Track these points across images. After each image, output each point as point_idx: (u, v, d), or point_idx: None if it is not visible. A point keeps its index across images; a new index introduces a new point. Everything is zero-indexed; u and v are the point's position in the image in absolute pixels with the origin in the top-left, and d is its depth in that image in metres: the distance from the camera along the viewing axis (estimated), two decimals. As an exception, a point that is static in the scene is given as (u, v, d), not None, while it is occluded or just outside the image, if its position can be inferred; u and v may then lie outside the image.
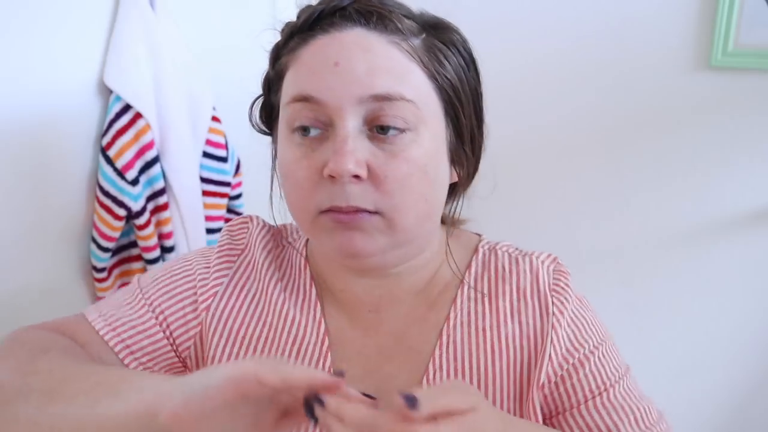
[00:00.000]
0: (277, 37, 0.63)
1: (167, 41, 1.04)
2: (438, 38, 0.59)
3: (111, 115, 0.98)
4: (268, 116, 0.65)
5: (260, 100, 0.67)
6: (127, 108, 0.99)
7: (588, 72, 1.37)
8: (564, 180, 1.45)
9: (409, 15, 0.58)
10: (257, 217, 0.72)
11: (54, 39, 0.92)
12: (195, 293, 0.66)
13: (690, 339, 1.42)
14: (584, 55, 1.36)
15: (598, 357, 0.63)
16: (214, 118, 1.16)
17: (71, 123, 0.97)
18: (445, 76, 0.58)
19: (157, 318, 0.65)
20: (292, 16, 0.62)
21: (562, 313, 0.62)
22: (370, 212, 0.55)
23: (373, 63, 0.54)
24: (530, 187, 1.49)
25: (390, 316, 0.64)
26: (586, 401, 0.61)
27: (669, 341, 1.44)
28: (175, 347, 0.65)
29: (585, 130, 1.41)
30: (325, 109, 0.54)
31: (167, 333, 0.65)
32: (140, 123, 1.00)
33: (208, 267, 0.68)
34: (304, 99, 0.55)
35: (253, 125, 0.68)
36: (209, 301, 0.66)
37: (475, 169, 0.65)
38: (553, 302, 0.62)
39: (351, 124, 0.54)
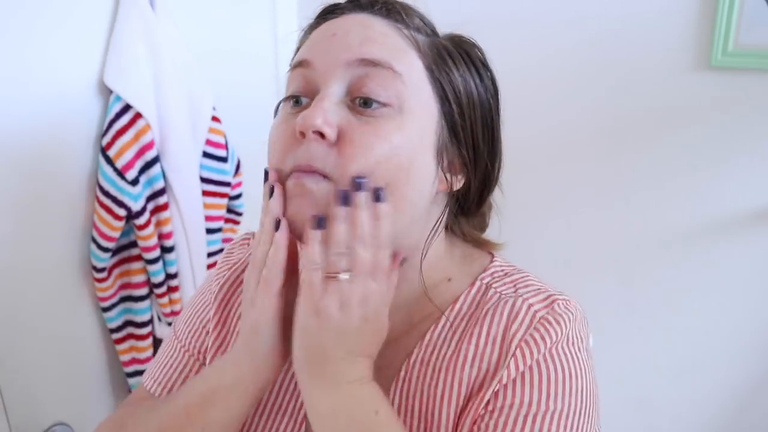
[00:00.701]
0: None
1: (167, 41, 1.04)
2: (452, 45, 0.58)
3: (111, 115, 0.98)
4: None
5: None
6: (127, 108, 0.99)
7: (588, 72, 1.37)
8: (564, 180, 1.45)
9: (423, 18, 0.58)
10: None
11: (54, 39, 0.92)
12: (209, 314, 0.69)
13: (690, 339, 1.42)
14: (584, 55, 1.36)
15: (535, 416, 0.53)
16: (214, 118, 1.16)
17: (71, 123, 0.97)
18: (445, 71, 0.56)
19: (198, 359, 0.68)
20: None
21: (517, 366, 0.55)
22: (323, 176, 0.51)
23: (367, 34, 0.54)
24: (530, 187, 1.49)
25: None
26: None
27: (669, 341, 1.44)
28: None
29: (585, 130, 1.41)
30: (315, 74, 0.54)
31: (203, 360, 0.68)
32: (140, 123, 1.00)
33: (212, 292, 0.70)
34: (299, 64, 0.56)
35: None
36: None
37: (483, 186, 0.61)
38: (515, 352, 0.55)
39: (333, 89, 0.53)
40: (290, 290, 0.54)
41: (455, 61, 0.57)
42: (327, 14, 0.59)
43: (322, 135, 0.51)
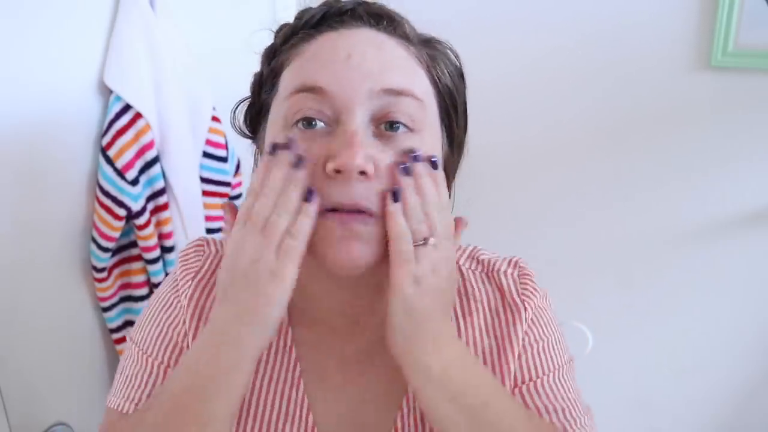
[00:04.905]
0: (271, 40, 0.62)
1: (167, 41, 1.04)
2: (434, 48, 0.60)
3: (111, 115, 0.98)
4: (255, 117, 0.64)
5: (245, 103, 0.66)
6: (127, 108, 0.99)
7: (588, 72, 1.37)
8: (563, 180, 1.45)
9: (412, 27, 0.60)
10: (212, 240, 0.70)
11: (54, 39, 0.92)
12: (184, 328, 0.65)
13: (690, 339, 1.42)
14: (584, 55, 1.36)
15: (540, 348, 0.64)
16: (214, 118, 1.16)
17: (71, 123, 0.97)
18: (446, 84, 0.59)
19: (168, 366, 0.64)
20: (292, 17, 0.62)
21: (526, 309, 0.64)
22: (370, 215, 0.53)
23: (385, 59, 0.54)
24: (530, 187, 1.49)
25: (369, 324, 0.62)
26: (514, 387, 0.62)
27: (669, 341, 1.44)
28: None
29: (585, 130, 1.41)
30: (334, 102, 0.53)
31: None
32: (140, 123, 1.00)
33: (181, 306, 0.66)
34: (310, 89, 0.53)
35: (234, 127, 0.66)
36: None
37: (450, 179, 0.65)
38: (524, 302, 0.64)
39: (360, 119, 0.52)
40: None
41: (447, 69, 0.59)
42: (319, 24, 0.57)
43: (363, 172, 0.51)
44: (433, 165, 0.54)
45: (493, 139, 1.43)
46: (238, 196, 1.25)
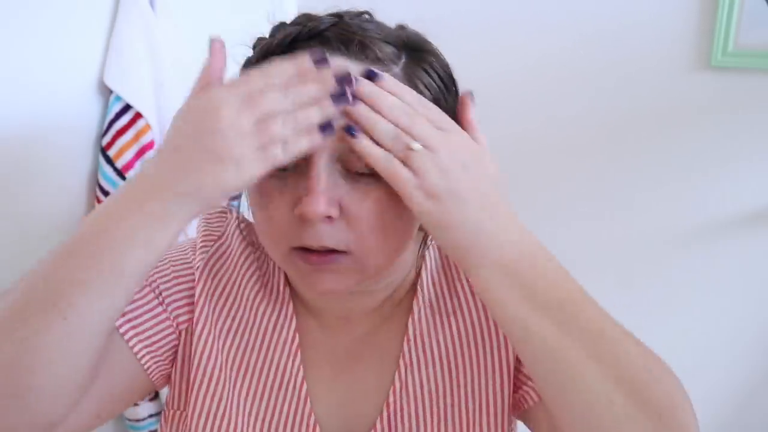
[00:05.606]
0: (249, 51, 0.62)
1: (167, 41, 1.04)
2: (417, 62, 0.55)
3: (111, 115, 0.99)
4: None
5: None
6: (127, 108, 0.99)
7: (588, 72, 1.37)
8: (563, 180, 1.45)
9: (388, 39, 0.54)
10: (236, 210, 0.71)
11: (54, 39, 0.92)
12: (192, 275, 0.65)
13: (690, 339, 1.42)
14: (584, 55, 1.36)
15: None
16: (214, 118, 1.16)
17: (71, 123, 0.97)
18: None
19: (158, 297, 0.63)
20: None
21: None
22: (341, 252, 0.53)
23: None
24: (530, 187, 1.49)
25: (359, 320, 0.64)
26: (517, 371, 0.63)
27: (669, 341, 1.43)
28: (175, 326, 0.64)
29: (585, 130, 1.41)
30: None
31: (168, 312, 0.64)
32: (140, 123, 1.00)
33: (194, 250, 0.67)
34: None
35: None
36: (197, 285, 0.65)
37: None
38: None
39: (324, 160, 0.51)
40: None
41: (429, 87, 0.55)
42: (289, 49, 0.53)
43: (327, 216, 0.51)
44: (371, 76, 0.50)
45: (492, 139, 1.42)
46: (237, 196, 1.25)
